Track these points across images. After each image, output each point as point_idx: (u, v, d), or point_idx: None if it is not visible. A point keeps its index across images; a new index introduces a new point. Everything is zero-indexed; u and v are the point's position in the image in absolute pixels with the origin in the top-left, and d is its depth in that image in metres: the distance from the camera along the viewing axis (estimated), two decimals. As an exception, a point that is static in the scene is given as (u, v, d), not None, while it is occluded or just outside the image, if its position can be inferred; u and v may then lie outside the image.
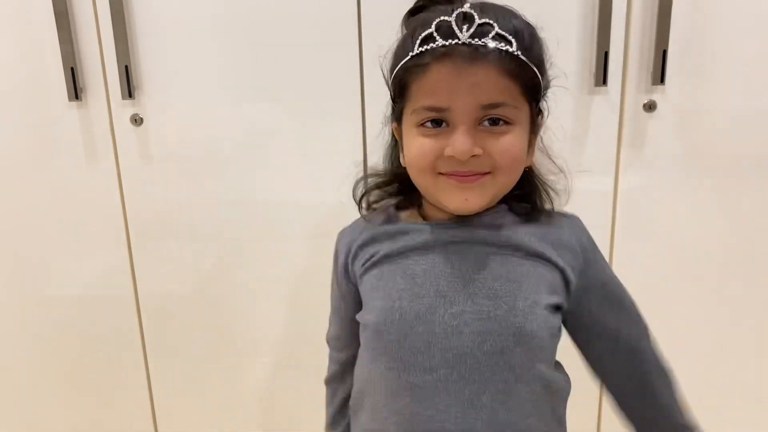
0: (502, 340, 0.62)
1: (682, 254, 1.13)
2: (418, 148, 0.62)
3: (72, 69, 1.06)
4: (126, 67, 1.06)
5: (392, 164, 0.73)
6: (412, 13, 0.66)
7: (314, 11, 1.05)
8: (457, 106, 0.59)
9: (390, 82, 0.66)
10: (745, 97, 1.05)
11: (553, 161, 0.72)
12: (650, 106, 1.06)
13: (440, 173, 0.62)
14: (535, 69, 0.62)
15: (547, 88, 0.66)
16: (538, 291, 0.64)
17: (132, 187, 1.14)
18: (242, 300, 1.20)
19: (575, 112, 1.07)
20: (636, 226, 1.11)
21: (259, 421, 1.28)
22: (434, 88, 0.59)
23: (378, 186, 0.74)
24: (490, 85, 0.59)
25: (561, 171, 0.72)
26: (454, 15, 0.58)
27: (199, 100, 1.09)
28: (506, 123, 0.61)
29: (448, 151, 0.60)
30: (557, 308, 0.66)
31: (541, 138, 0.70)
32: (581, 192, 1.11)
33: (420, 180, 0.65)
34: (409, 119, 0.63)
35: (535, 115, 0.65)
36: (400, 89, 0.64)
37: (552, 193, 0.71)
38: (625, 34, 1.03)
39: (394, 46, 0.66)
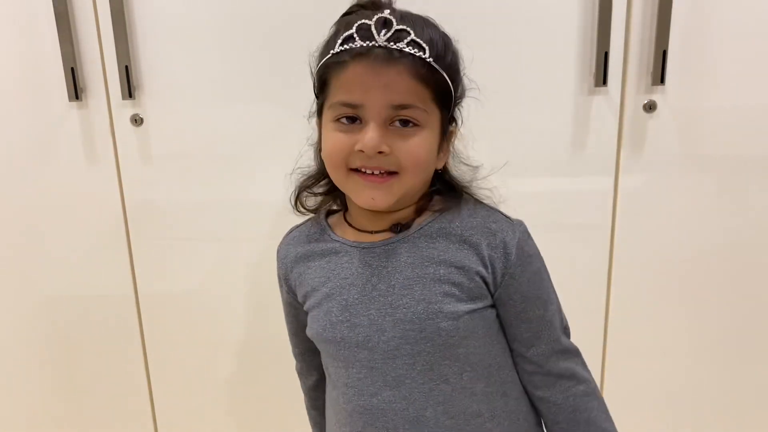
0: (430, 356, 0.68)
1: (682, 254, 1.13)
2: (332, 142, 0.66)
3: (72, 69, 1.06)
4: (126, 67, 1.06)
5: (318, 161, 0.76)
6: (344, 15, 0.69)
7: (314, 12, 1.04)
8: (370, 103, 0.63)
9: (314, 77, 0.70)
10: (745, 97, 1.05)
11: (467, 164, 0.74)
12: (650, 107, 1.06)
13: (351, 170, 0.66)
14: (446, 77, 0.65)
15: (461, 97, 0.70)
16: (445, 300, 0.67)
17: (132, 187, 1.14)
18: (242, 300, 1.20)
19: (575, 112, 1.07)
20: (636, 226, 1.12)
21: (259, 421, 1.28)
22: (350, 85, 0.63)
23: (308, 186, 0.78)
24: (401, 87, 0.62)
25: (475, 167, 0.74)
26: (374, 19, 0.63)
27: (199, 100, 1.09)
28: (415, 125, 0.64)
29: (357, 146, 0.63)
30: (472, 311, 0.68)
31: (453, 144, 0.73)
32: (581, 192, 1.11)
33: (334, 175, 0.69)
34: (326, 114, 0.67)
35: (446, 121, 0.68)
36: (320, 85, 0.68)
37: (469, 193, 0.74)
38: (625, 34, 1.03)
39: (321, 44, 0.69)
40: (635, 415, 1.22)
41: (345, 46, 0.63)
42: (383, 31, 0.62)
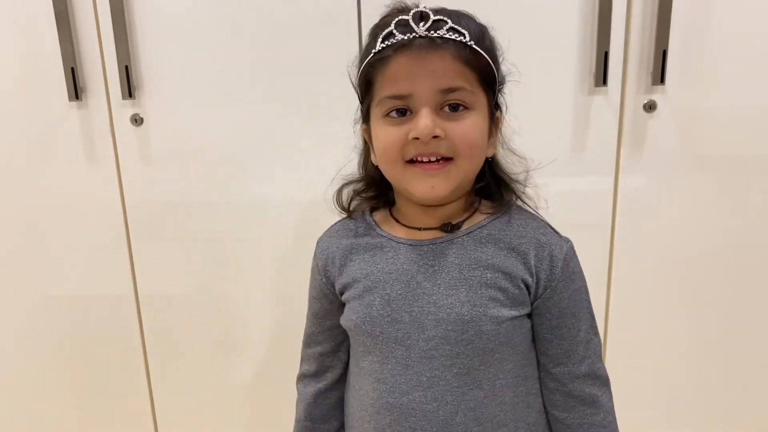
0: (468, 360, 0.68)
1: (682, 254, 1.13)
2: (385, 137, 0.66)
3: (72, 69, 1.06)
4: (126, 67, 1.06)
5: (365, 169, 0.77)
6: (369, 35, 0.70)
7: (314, 12, 1.05)
8: (418, 91, 0.63)
9: (357, 84, 0.71)
10: (745, 97, 1.05)
11: (515, 153, 0.75)
12: (650, 106, 1.06)
13: (408, 162, 0.66)
14: (488, 58, 0.66)
15: (502, 83, 0.71)
16: (490, 304, 0.68)
17: (132, 187, 1.14)
18: (242, 300, 1.20)
19: (575, 112, 1.07)
20: (636, 226, 1.11)
21: (259, 421, 1.28)
22: (396, 77, 0.64)
23: (357, 193, 0.78)
24: (447, 71, 0.63)
25: (523, 158, 0.76)
26: (411, 14, 0.64)
27: (199, 100, 1.09)
28: (465, 108, 0.65)
29: (411, 134, 0.64)
30: (514, 318, 0.69)
31: (502, 132, 0.74)
32: (581, 192, 1.11)
33: (390, 172, 0.68)
34: (375, 113, 0.67)
35: (493, 106, 0.69)
36: (366, 86, 0.68)
37: (518, 186, 0.75)
38: (625, 34, 1.03)
39: (361, 52, 0.71)
40: (635, 415, 1.22)
41: (386, 42, 0.64)
42: (421, 23, 0.63)
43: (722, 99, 1.05)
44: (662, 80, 1.03)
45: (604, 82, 1.04)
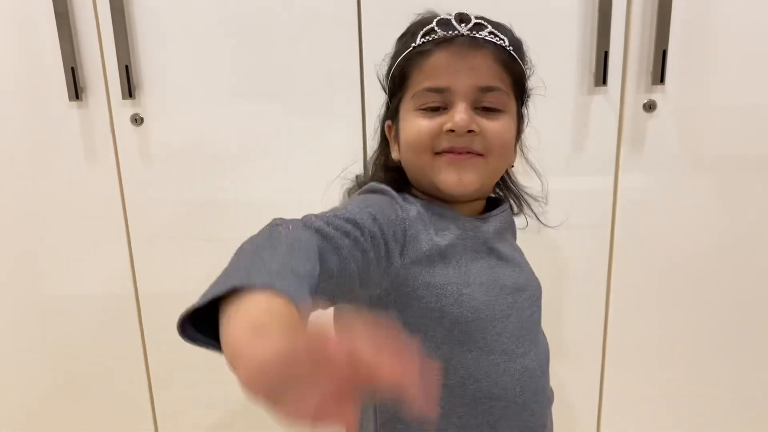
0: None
1: (682, 253, 1.13)
2: (417, 128, 0.66)
3: (72, 69, 1.06)
4: (126, 67, 1.06)
5: (376, 168, 0.77)
6: (402, 36, 0.71)
7: (314, 12, 1.05)
8: (457, 86, 0.64)
9: (388, 79, 0.71)
10: (744, 97, 1.05)
11: (533, 167, 0.77)
12: (650, 106, 1.06)
13: (437, 153, 0.66)
14: (523, 67, 0.69)
15: (529, 95, 0.73)
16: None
17: (132, 187, 1.14)
18: (242, 300, 1.19)
19: (575, 112, 1.07)
20: (636, 226, 1.11)
21: (259, 421, 1.28)
22: (436, 70, 0.64)
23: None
24: (487, 70, 0.65)
25: (537, 172, 0.78)
26: (453, 14, 0.66)
27: (199, 100, 1.09)
28: (498, 111, 0.66)
29: (447, 126, 0.64)
30: None
31: (522, 143, 0.76)
32: (581, 192, 1.11)
33: (417, 161, 0.67)
34: (408, 106, 0.67)
35: (520, 115, 0.72)
36: (400, 79, 0.68)
37: (529, 200, 0.78)
38: (625, 34, 1.03)
39: (392, 51, 0.71)
40: (635, 415, 1.22)
41: (427, 37, 0.65)
42: (462, 24, 0.65)
43: (722, 99, 1.05)
44: (662, 80, 1.03)
45: (604, 81, 1.04)
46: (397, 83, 0.69)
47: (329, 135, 1.09)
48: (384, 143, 0.76)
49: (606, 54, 1.02)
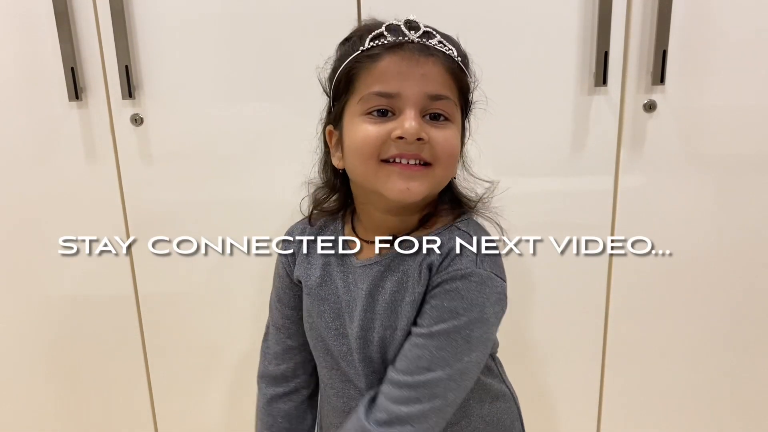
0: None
1: (682, 253, 1.13)
2: (363, 134, 0.64)
3: (72, 69, 1.06)
4: (126, 67, 1.06)
5: (326, 175, 0.76)
6: (346, 41, 0.70)
7: (314, 12, 1.05)
8: (407, 92, 0.63)
9: (332, 83, 0.70)
10: (745, 97, 1.05)
11: (475, 176, 0.74)
12: (650, 106, 1.06)
13: (383, 161, 0.64)
14: (468, 79, 0.68)
15: (471, 109, 0.72)
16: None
17: (132, 187, 1.14)
18: (242, 300, 1.20)
19: (575, 112, 1.07)
20: (636, 226, 1.11)
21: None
22: (386, 75, 0.63)
23: (322, 201, 0.77)
24: (437, 78, 0.64)
25: (489, 182, 0.73)
26: (402, 20, 0.65)
27: (199, 100, 1.09)
28: (446, 119, 0.65)
29: (396, 133, 0.62)
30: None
31: (464, 154, 0.74)
32: (581, 192, 1.11)
33: (362, 169, 0.66)
34: (353, 110, 0.66)
35: (464, 127, 0.70)
36: (346, 83, 0.66)
37: (470, 204, 0.73)
38: (625, 34, 1.03)
39: (336, 55, 0.70)
40: (635, 414, 1.22)
41: (376, 41, 0.64)
42: (412, 31, 0.64)
43: (722, 99, 1.05)
44: (662, 80, 1.03)
45: (604, 82, 1.04)
46: (342, 87, 0.67)
47: (329, 135, 1.09)
48: (326, 149, 0.74)
49: (606, 54, 1.02)
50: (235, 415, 1.27)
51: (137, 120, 1.10)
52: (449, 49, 0.65)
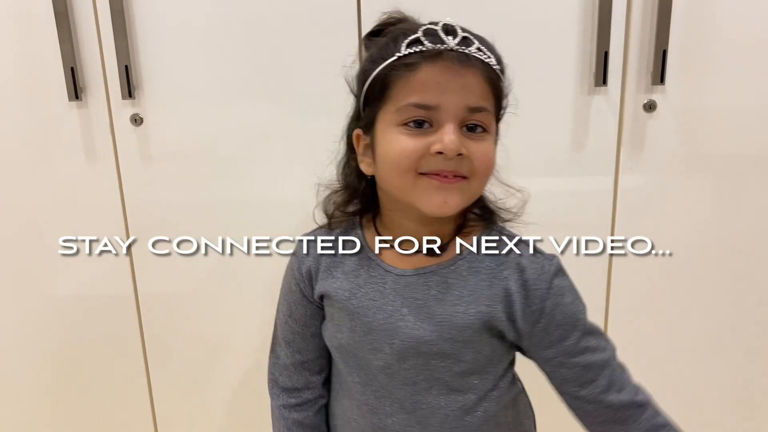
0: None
1: (682, 254, 1.13)
2: (400, 146, 0.62)
3: (72, 69, 1.06)
4: (126, 67, 1.06)
5: (348, 178, 0.74)
6: (373, 34, 0.68)
7: (314, 12, 1.05)
8: (447, 105, 0.61)
9: (365, 86, 0.66)
10: (745, 97, 1.05)
11: (505, 184, 0.73)
12: (650, 106, 1.06)
13: (420, 174, 0.63)
14: (505, 85, 0.66)
15: (504, 114, 0.70)
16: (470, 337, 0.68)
17: (132, 187, 1.14)
18: (242, 300, 1.20)
19: (575, 112, 1.07)
20: (635, 226, 1.11)
21: (259, 421, 1.28)
22: (424, 86, 0.61)
23: (338, 207, 0.75)
24: (477, 89, 0.62)
25: (518, 191, 0.74)
26: (439, 25, 0.62)
27: (199, 100, 1.09)
28: (483, 131, 0.63)
29: (436, 147, 0.61)
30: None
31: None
32: (581, 192, 1.11)
33: (397, 182, 0.64)
34: (388, 119, 0.63)
35: (496, 134, 0.68)
36: (380, 90, 0.64)
37: (504, 214, 0.73)
38: (625, 34, 1.03)
39: (368, 55, 0.67)
40: (635, 415, 1.22)
41: (412, 48, 0.61)
42: (449, 37, 0.61)
43: (722, 99, 1.05)
44: (662, 80, 1.03)
45: (604, 81, 1.04)
46: (376, 93, 0.65)
47: (329, 136, 1.09)
48: (350, 152, 0.73)
49: (606, 54, 1.02)
50: (235, 415, 1.27)
51: (137, 120, 1.10)
52: (488, 57, 0.62)
